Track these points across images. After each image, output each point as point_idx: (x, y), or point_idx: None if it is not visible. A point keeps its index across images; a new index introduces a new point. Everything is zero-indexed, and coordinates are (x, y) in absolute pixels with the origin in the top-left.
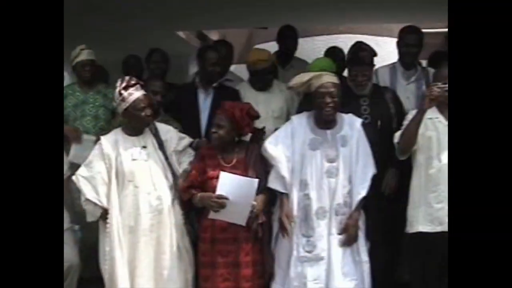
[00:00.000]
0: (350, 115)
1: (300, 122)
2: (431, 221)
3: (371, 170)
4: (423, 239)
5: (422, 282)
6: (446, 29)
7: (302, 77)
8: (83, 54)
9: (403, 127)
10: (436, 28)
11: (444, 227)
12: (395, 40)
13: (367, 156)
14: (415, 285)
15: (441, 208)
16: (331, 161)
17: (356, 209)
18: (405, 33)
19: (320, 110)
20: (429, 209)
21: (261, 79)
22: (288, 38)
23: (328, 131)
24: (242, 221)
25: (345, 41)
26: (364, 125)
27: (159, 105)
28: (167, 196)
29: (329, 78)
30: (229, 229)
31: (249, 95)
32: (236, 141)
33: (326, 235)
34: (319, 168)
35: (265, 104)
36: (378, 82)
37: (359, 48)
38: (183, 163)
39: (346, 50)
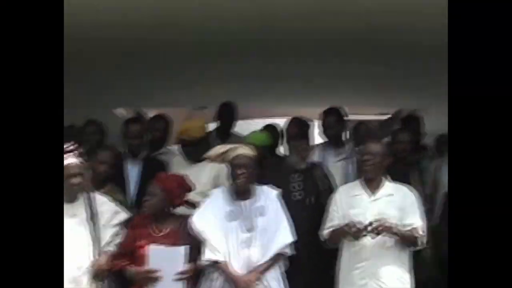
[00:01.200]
0: (267, 186)
1: (219, 195)
2: None
3: (281, 240)
4: None
5: None
6: (381, 117)
7: (218, 149)
8: None
9: (327, 220)
10: (370, 113)
11: None
12: None
13: (278, 226)
14: None
15: (365, 284)
16: (247, 231)
17: (255, 272)
18: (325, 116)
19: (233, 181)
20: (353, 286)
21: (192, 150)
22: (227, 114)
23: (245, 202)
24: None
25: (281, 124)
26: (295, 201)
27: (104, 175)
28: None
29: (243, 150)
30: None
31: (180, 167)
32: (169, 212)
33: None
34: (236, 239)
35: (194, 176)
36: None
37: (304, 123)
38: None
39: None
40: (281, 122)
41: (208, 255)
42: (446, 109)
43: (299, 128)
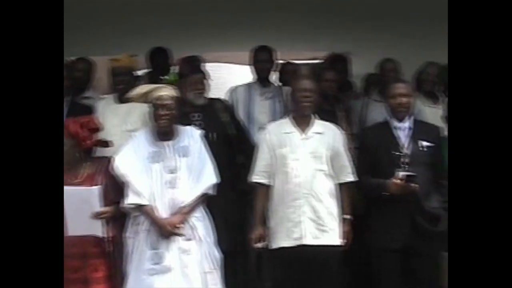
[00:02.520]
0: (190, 126)
1: (141, 137)
2: (289, 235)
3: (207, 180)
4: (284, 253)
5: None
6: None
7: (141, 89)
8: None
9: (257, 159)
10: (302, 58)
11: (302, 240)
12: None
13: (203, 166)
14: None
15: (299, 221)
16: (171, 171)
17: (180, 214)
18: (256, 51)
19: (156, 122)
20: (288, 224)
21: (118, 82)
22: (159, 59)
23: (168, 143)
24: (99, 231)
25: (212, 70)
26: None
27: None
28: None
29: (166, 91)
30: (78, 244)
31: (110, 107)
32: (83, 157)
33: (173, 246)
34: (160, 180)
35: (123, 116)
36: (236, 99)
37: (194, 59)
38: None
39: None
40: (211, 67)
41: (131, 199)
42: (374, 50)
43: (190, 64)
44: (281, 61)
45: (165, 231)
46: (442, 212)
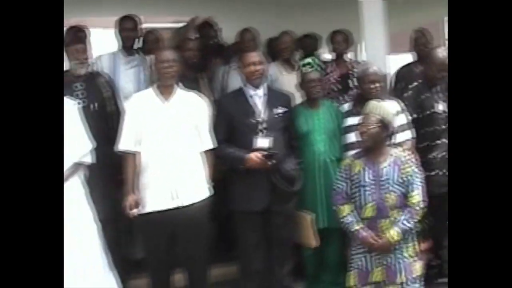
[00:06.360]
0: (65, 97)
1: None
2: (159, 199)
3: (79, 149)
4: (156, 216)
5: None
6: (176, 24)
7: None
8: None
9: (123, 129)
10: (166, 22)
11: (172, 203)
12: None
13: (74, 135)
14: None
15: (167, 186)
16: None
17: None
18: (121, 20)
19: None
20: (156, 188)
21: None
22: None
23: None
24: None
25: None
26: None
27: None
28: None
29: None
30: None
31: None
32: None
33: None
34: None
35: None
36: (102, 68)
37: (77, 29)
38: None
39: None
40: None
41: None
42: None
43: (73, 34)
44: (147, 26)
45: None
46: (297, 173)
